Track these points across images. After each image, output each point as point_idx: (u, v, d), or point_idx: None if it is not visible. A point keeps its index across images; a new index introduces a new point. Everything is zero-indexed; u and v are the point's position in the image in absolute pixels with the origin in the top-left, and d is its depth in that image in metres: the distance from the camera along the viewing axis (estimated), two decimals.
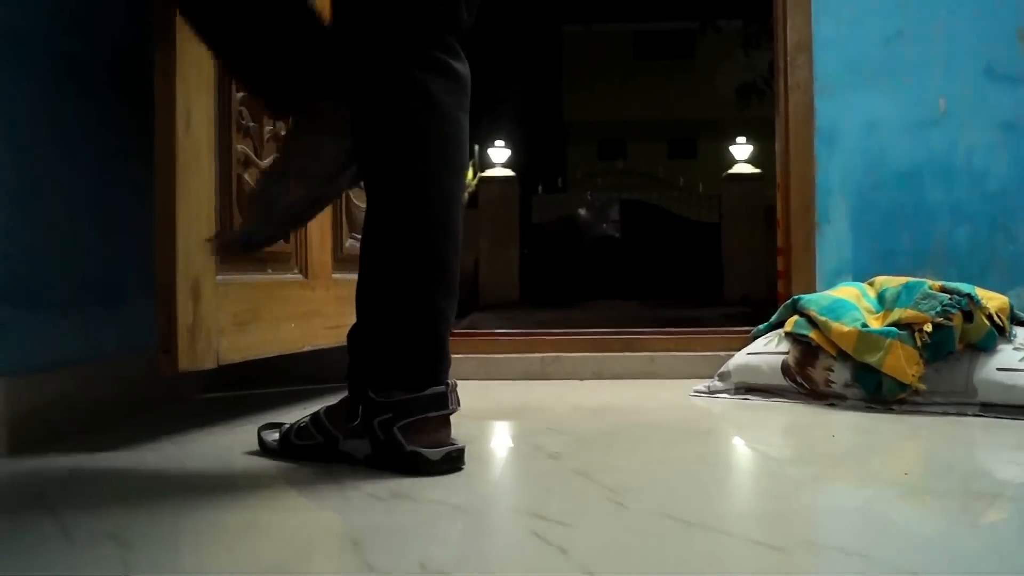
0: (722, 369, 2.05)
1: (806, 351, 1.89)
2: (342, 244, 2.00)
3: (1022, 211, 2.35)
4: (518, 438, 1.63)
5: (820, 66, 2.40)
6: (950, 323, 1.73)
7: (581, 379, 2.33)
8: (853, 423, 1.66)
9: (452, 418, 1.25)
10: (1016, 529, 1.02)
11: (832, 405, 1.82)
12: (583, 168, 16.84)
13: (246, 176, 1.66)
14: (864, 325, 1.82)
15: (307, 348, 1.83)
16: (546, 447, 1.45)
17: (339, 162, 1.28)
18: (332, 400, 1.32)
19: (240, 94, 1.64)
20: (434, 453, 1.20)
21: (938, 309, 1.75)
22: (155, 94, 1.45)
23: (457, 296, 1.27)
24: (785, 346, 1.95)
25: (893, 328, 1.78)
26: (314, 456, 1.30)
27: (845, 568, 0.87)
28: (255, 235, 1.33)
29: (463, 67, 1.28)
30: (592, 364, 2.37)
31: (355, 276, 1.28)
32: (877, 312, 1.91)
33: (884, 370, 1.73)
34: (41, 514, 1.07)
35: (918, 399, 1.74)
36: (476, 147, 10.75)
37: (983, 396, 1.70)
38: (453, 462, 1.22)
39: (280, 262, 1.77)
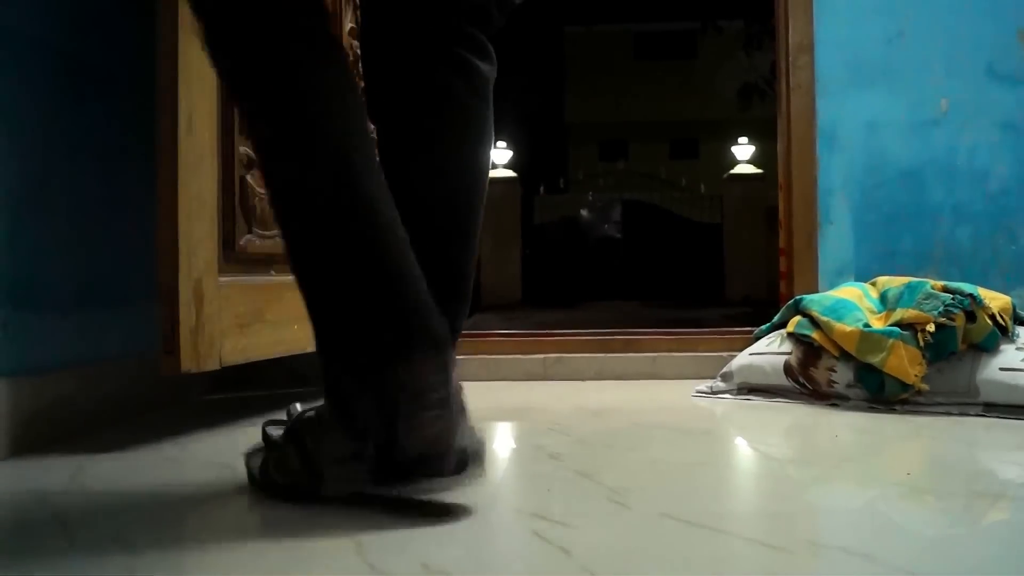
0: (724, 369, 2.05)
1: (808, 351, 1.89)
2: None
3: None
4: (520, 439, 1.63)
5: (822, 66, 2.40)
6: (952, 323, 1.73)
7: (583, 380, 2.33)
8: (855, 423, 1.66)
9: None
10: (1018, 530, 1.02)
11: (834, 405, 1.82)
12: (585, 169, 16.87)
13: (248, 178, 1.66)
14: (866, 325, 1.82)
15: (310, 349, 1.82)
16: (548, 448, 1.45)
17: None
18: None
19: None
20: None
21: (940, 309, 1.75)
22: (157, 95, 1.45)
23: (469, 301, 1.25)
24: (787, 346, 1.95)
25: (895, 328, 1.77)
26: None
27: (847, 568, 0.87)
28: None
29: (488, 66, 1.22)
30: (594, 365, 2.37)
31: None
32: (879, 312, 1.90)
33: (886, 370, 1.73)
34: (44, 516, 1.07)
35: (920, 399, 1.73)
36: None
37: (985, 396, 1.70)
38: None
39: (283, 263, 1.77)
